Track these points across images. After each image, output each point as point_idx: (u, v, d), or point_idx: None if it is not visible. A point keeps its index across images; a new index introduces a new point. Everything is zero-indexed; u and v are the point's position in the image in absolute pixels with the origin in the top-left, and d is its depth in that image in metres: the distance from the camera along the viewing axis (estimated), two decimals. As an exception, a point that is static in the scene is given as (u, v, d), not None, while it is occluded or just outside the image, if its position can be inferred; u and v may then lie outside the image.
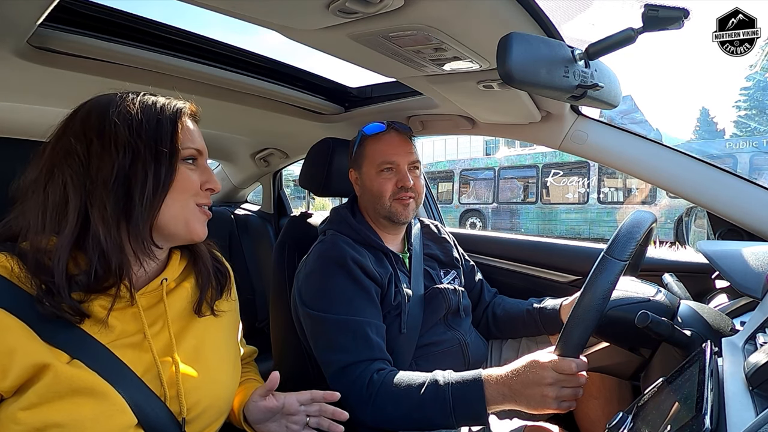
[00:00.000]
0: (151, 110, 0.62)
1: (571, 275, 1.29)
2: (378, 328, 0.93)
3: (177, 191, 0.62)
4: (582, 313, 0.66)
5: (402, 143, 1.07)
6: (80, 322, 0.56)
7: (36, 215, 0.57)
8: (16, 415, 0.51)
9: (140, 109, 0.61)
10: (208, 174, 0.67)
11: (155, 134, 0.61)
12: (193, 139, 0.66)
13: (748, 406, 0.42)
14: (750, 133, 20.08)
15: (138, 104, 0.61)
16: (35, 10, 0.69)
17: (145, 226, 0.60)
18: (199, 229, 0.66)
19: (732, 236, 1.05)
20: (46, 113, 1.12)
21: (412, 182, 1.04)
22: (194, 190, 0.65)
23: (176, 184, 0.62)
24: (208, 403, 0.66)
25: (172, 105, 0.64)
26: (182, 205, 0.63)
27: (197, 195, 0.65)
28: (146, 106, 0.62)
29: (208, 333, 0.70)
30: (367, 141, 1.09)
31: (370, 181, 1.06)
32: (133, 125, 0.59)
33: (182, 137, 0.63)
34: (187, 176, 0.64)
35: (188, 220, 0.64)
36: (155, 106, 0.63)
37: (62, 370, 0.53)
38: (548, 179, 9.48)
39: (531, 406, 0.72)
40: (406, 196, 1.04)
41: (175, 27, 0.96)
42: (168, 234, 0.64)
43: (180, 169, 0.63)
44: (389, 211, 1.05)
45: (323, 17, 0.69)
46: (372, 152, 1.07)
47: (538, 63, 0.60)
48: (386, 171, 1.05)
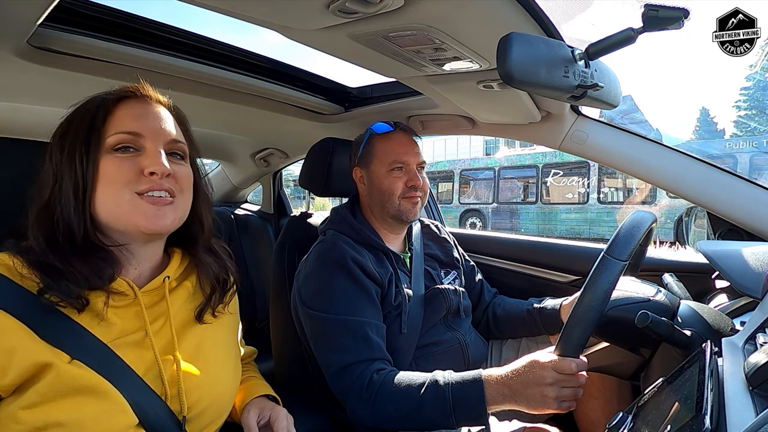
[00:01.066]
0: (80, 109, 0.61)
1: (571, 275, 1.29)
2: (378, 328, 0.93)
3: (104, 184, 0.58)
4: (582, 313, 0.66)
5: (411, 143, 1.09)
6: (81, 311, 0.56)
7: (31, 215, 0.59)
8: (16, 414, 0.51)
9: (72, 112, 0.61)
10: (151, 157, 0.60)
11: (75, 132, 0.59)
12: (125, 123, 0.60)
13: (748, 406, 0.42)
14: (750, 133, 20.08)
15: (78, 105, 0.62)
16: (35, 10, 0.69)
17: (76, 227, 0.58)
18: (143, 221, 0.59)
19: (732, 236, 1.05)
20: (46, 113, 1.11)
21: (421, 181, 1.06)
22: (125, 180, 0.58)
23: (101, 178, 0.58)
24: (209, 402, 0.66)
25: (100, 96, 0.62)
26: (115, 199, 0.58)
27: (132, 183, 0.59)
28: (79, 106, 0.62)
29: (209, 332, 0.70)
30: (375, 139, 1.09)
31: (379, 180, 1.06)
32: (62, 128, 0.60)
33: (108, 126, 0.59)
34: (112, 166, 0.58)
35: (129, 214, 0.59)
36: (87, 104, 0.61)
37: (64, 369, 0.53)
38: (548, 179, 9.48)
39: (531, 406, 0.72)
40: (415, 196, 1.06)
41: (175, 27, 0.96)
42: (117, 230, 0.61)
43: (105, 160, 0.59)
44: (398, 209, 1.05)
45: (323, 17, 0.69)
46: (382, 151, 1.07)
47: (538, 63, 0.60)
48: (396, 170, 1.06)
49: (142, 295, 0.62)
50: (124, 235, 0.62)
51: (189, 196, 0.66)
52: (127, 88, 0.64)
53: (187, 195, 0.66)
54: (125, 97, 0.63)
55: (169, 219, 0.61)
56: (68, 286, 0.55)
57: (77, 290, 0.55)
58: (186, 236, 0.71)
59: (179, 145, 0.65)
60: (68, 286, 0.55)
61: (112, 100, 0.62)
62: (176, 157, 0.65)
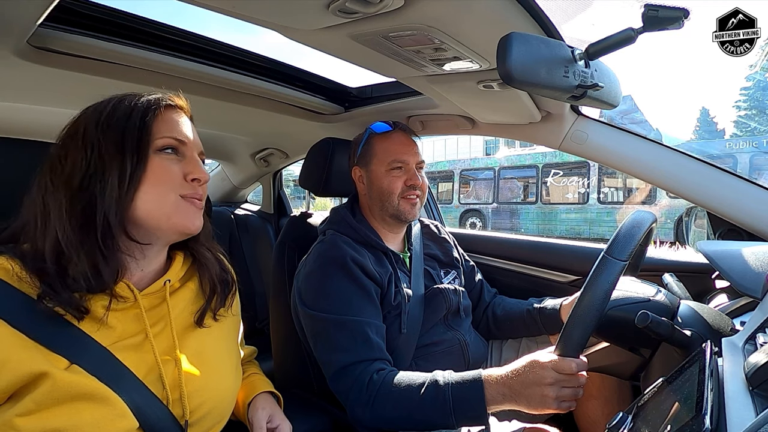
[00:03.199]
0: (123, 105, 0.61)
1: (571, 275, 1.29)
2: (378, 328, 0.93)
3: (150, 183, 0.59)
4: (582, 313, 0.66)
5: (410, 143, 1.09)
6: (81, 320, 0.56)
7: (31, 215, 0.58)
8: (13, 421, 0.50)
9: (113, 106, 0.61)
10: (193, 164, 0.64)
11: (123, 127, 0.59)
12: (173, 129, 0.63)
13: (748, 406, 0.42)
14: (750, 133, 20.08)
15: (114, 102, 0.61)
16: (35, 10, 0.68)
17: (114, 220, 0.57)
18: (185, 222, 0.62)
19: (732, 236, 1.05)
20: (46, 113, 1.12)
21: (420, 181, 1.06)
22: (174, 182, 0.61)
23: (149, 176, 0.59)
24: (212, 406, 0.66)
25: (147, 98, 0.63)
26: (159, 199, 0.60)
27: (180, 187, 0.62)
28: (119, 102, 0.61)
29: (211, 335, 0.70)
30: (375, 139, 1.09)
31: (378, 179, 1.06)
32: (101, 121, 0.59)
33: (157, 128, 0.61)
34: (163, 167, 0.60)
35: (170, 214, 0.61)
36: (130, 102, 0.62)
37: (60, 377, 0.52)
38: (548, 179, 9.48)
39: (531, 406, 0.72)
40: (414, 195, 1.06)
41: (175, 27, 0.96)
42: (149, 229, 0.61)
43: (153, 160, 0.60)
44: (397, 209, 1.05)
45: (323, 17, 0.69)
46: (381, 150, 1.07)
47: (538, 63, 0.60)
48: (396, 169, 1.06)
49: (142, 298, 0.62)
50: (154, 235, 0.63)
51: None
52: (169, 96, 0.66)
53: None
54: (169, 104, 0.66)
55: (200, 222, 0.65)
56: (69, 297, 0.54)
57: (77, 300, 0.55)
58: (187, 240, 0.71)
59: (203, 156, 0.69)
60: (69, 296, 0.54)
61: (163, 105, 0.64)
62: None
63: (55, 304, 0.53)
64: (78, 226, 0.56)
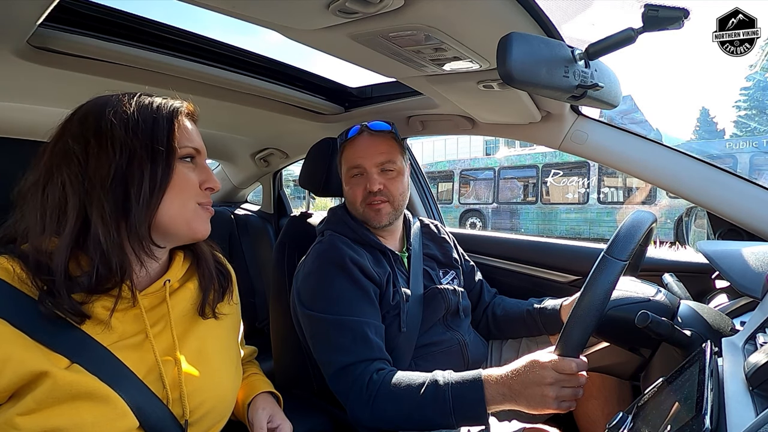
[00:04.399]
0: (148, 110, 0.62)
1: (571, 275, 1.29)
2: (377, 328, 0.93)
3: (175, 191, 0.62)
4: (582, 313, 0.66)
5: (372, 144, 1.02)
6: (81, 323, 0.56)
7: (35, 217, 0.57)
8: (13, 420, 0.50)
9: (137, 108, 0.61)
10: (207, 173, 0.67)
11: (151, 133, 0.60)
12: (191, 138, 0.65)
13: (748, 406, 0.42)
14: (750, 133, 20.07)
15: (134, 104, 0.61)
16: (35, 10, 0.68)
17: (143, 225, 0.59)
18: (201, 227, 0.65)
19: (732, 236, 1.05)
20: (46, 113, 1.12)
21: (378, 186, 0.99)
22: (194, 190, 0.64)
23: (174, 184, 0.61)
24: (212, 406, 0.66)
25: (168, 104, 0.64)
26: (182, 205, 0.63)
27: (198, 194, 0.65)
28: (143, 106, 0.62)
29: (211, 335, 0.70)
30: (344, 146, 1.08)
31: (345, 187, 1.06)
32: (129, 125, 0.59)
33: (179, 136, 0.63)
34: (185, 175, 0.63)
35: (189, 220, 0.64)
36: (152, 105, 0.62)
37: (60, 376, 0.52)
38: (548, 179, 9.48)
39: (531, 406, 0.72)
40: (377, 200, 1.01)
41: (175, 27, 0.96)
42: (169, 233, 0.63)
43: (178, 168, 0.62)
44: (363, 216, 1.04)
45: (323, 17, 0.69)
46: (345, 157, 1.06)
47: (538, 63, 0.60)
48: (357, 176, 1.03)
49: (142, 298, 0.62)
50: (172, 238, 0.65)
51: None
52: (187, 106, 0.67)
53: None
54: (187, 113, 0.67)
55: (210, 227, 0.68)
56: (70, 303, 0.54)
57: (77, 306, 0.55)
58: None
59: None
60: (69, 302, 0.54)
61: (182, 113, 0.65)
62: None
63: (55, 308, 0.53)
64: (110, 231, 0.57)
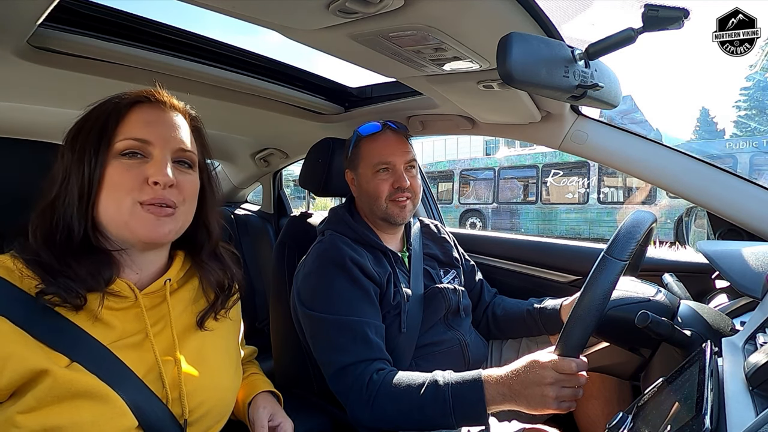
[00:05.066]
0: (98, 109, 0.61)
1: (571, 275, 1.29)
2: (377, 328, 0.93)
3: (108, 190, 0.58)
4: (582, 313, 0.66)
5: (398, 143, 1.06)
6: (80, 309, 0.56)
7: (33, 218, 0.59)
8: (14, 419, 0.50)
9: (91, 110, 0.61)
10: (156, 166, 0.59)
11: (87, 133, 0.59)
12: (135, 131, 0.59)
13: (748, 406, 0.42)
14: (750, 133, 20.07)
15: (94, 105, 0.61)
16: (35, 10, 0.68)
17: (77, 228, 0.58)
18: (144, 231, 0.59)
19: (732, 236, 1.05)
20: (45, 113, 1.12)
21: (408, 182, 1.03)
22: (128, 187, 0.58)
23: (106, 182, 0.58)
24: (211, 406, 0.66)
25: (118, 97, 0.62)
26: (116, 205, 0.58)
27: (135, 191, 0.58)
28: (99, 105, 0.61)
29: (211, 335, 0.70)
30: (362, 141, 1.08)
31: (366, 183, 1.06)
32: (79, 128, 0.60)
33: (120, 130, 0.59)
34: (117, 172, 0.58)
35: (128, 222, 0.58)
36: (106, 103, 0.61)
37: (61, 374, 0.52)
38: (548, 179, 9.48)
39: (531, 407, 0.72)
40: (403, 197, 1.04)
41: (175, 27, 0.96)
42: (114, 235, 0.61)
43: (111, 164, 0.58)
44: (385, 212, 1.04)
45: (323, 17, 0.69)
46: (368, 153, 1.06)
47: (538, 63, 0.60)
48: (382, 171, 1.04)
49: (143, 298, 0.62)
50: (123, 241, 0.62)
51: (192, 206, 0.66)
52: (142, 92, 0.63)
53: (190, 205, 0.65)
54: (139, 101, 0.62)
55: (167, 229, 0.61)
56: (66, 283, 0.55)
57: (74, 287, 0.55)
58: (192, 242, 0.71)
59: (187, 154, 0.65)
60: (66, 282, 0.55)
61: (126, 104, 0.61)
62: (183, 166, 0.64)
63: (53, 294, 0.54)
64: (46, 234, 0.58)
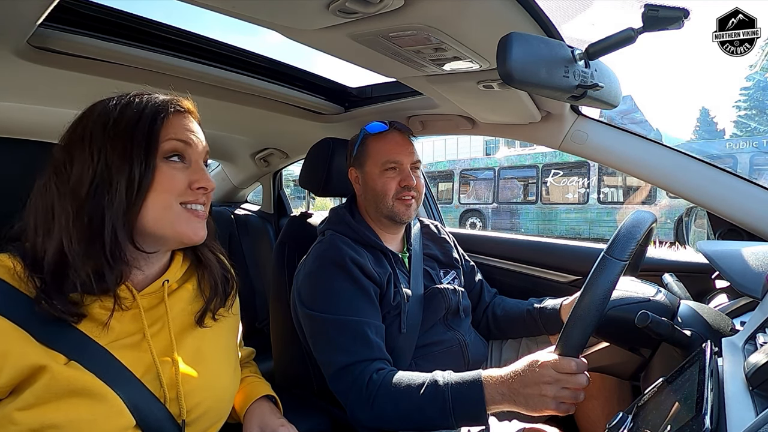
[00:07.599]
0: (132, 109, 0.60)
1: (571, 275, 1.29)
2: (377, 328, 0.93)
3: (157, 192, 0.59)
4: (582, 313, 0.66)
5: (405, 143, 1.08)
6: (77, 323, 0.56)
7: (32, 219, 0.58)
8: (12, 416, 0.51)
9: (120, 108, 0.59)
10: (199, 172, 0.63)
11: (131, 133, 0.58)
12: (179, 133, 0.62)
13: (748, 406, 0.42)
14: (750, 133, 20.06)
15: (121, 104, 0.60)
16: (35, 10, 0.68)
17: (122, 231, 0.57)
18: (188, 231, 0.61)
19: (732, 236, 1.05)
20: (45, 113, 1.12)
21: (415, 181, 1.05)
22: (178, 190, 0.60)
23: (156, 185, 0.58)
24: (209, 406, 0.66)
25: (156, 100, 0.62)
26: (165, 207, 0.59)
27: (183, 195, 0.61)
28: (129, 105, 0.60)
29: (209, 335, 0.70)
30: (369, 139, 1.09)
31: (373, 180, 1.06)
32: (108, 127, 0.58)
33: (164, 133, 0.60)
34: (168, 175, 0.60)
35: (174, 223, 0.60)
36: (139, 104, 0.60)
37: (59, 371, 0.52)
38: (548, 179, 9.48)
39: (529, 407, 0.72)
40: (409, 196, 1.05)
41: (175, 27, 0.96)
42: (155, 238, 0.61)
43: (160, 167, 0.59)
44: (391, 210, 1.05)
45: (323, 17, 0.69)
46: (375, 151, 1.07)
47: (538, 63, 0.60)
48: (390, 170, 1.05)
49: (141, 298, 0.62)
50: (160, 242, 0.62)
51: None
52: (177, 101, 0.64)
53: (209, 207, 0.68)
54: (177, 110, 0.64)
55: (204, 232, 0.64)
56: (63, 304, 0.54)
57: (71, 307, 0.55)
58: None
59: (206, 158, 0.67)
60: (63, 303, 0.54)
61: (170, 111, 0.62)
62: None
63: (50, 308, 0.53)
64: (85, 238, 0.55)
